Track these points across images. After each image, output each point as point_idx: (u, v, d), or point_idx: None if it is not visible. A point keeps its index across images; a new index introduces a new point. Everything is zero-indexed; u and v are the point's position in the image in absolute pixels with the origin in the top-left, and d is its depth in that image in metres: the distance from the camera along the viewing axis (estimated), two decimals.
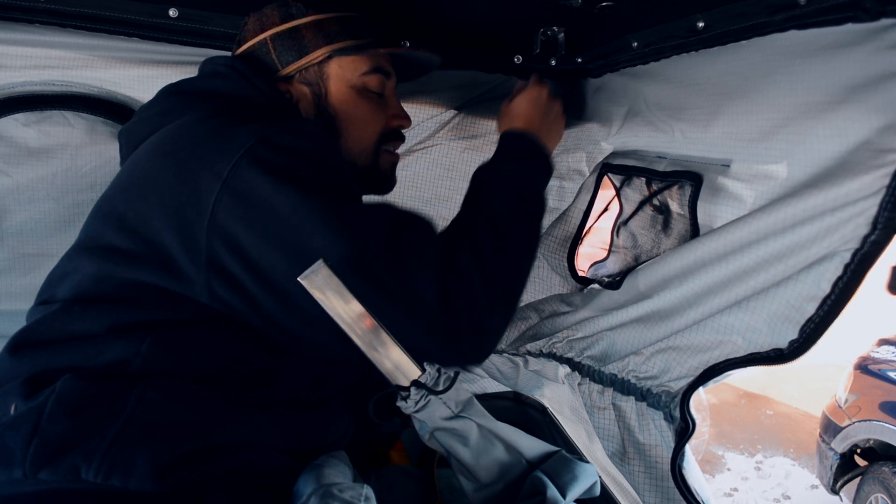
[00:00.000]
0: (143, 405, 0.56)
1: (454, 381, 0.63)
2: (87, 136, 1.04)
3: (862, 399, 2.71)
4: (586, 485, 0.67)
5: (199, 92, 0.77)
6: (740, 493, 3.57)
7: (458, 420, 0.64)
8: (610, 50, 1.03)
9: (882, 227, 0.59)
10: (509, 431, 0.69)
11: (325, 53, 0.82)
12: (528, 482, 0.66)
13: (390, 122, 0.90)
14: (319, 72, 0.84)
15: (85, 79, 1.01)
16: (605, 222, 1.18)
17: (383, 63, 0.88)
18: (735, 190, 0.81)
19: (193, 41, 1.00)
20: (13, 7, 0.90)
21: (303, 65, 0.83)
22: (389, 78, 0.90)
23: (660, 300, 0.88)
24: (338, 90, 0.85)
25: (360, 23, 0.86)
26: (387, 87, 0.90)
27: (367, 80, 0.86)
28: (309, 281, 0.54)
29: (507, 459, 0.68)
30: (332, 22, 0.83)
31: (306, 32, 0.82)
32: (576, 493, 0.66)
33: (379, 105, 0.88)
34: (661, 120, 0.93)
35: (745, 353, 0.76)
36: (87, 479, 0.53)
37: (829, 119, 0.63)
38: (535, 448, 0.70)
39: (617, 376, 1.00)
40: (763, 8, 0.70)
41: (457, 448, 0.64)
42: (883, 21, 0.57)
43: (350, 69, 0.85)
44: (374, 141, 0.88)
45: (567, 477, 0.66)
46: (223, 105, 0.74)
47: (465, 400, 0.67)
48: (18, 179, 1.03)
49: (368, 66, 0.86)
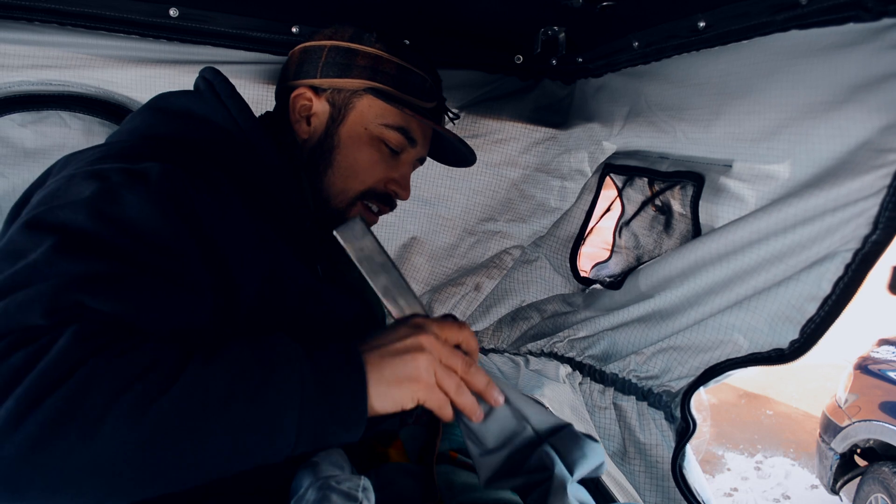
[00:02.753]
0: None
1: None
2: (83, 137, 1.04)
3: (862, 399, 2.71)
4: (594, 463, 0.66)
5: (169, 110, 0.74)
6: (740, 493, 3.57)
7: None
8: (611, 50, 1.03)
9: (883, 227, 0.59)
10: (517, 397, 0.67)
11: (362, 85, 0.81)
12: (535, 456, 0.64)
13: (386, 184, 0.85)
14: (349, 100, 0.82)
15: (82, 78, 1.00)
16: (608, 222, 1.18)
17: (414, 128, 0.84)
18: (737, 190, 0.81)
19: (194, 40, 0.99)
20: (14, 6, 0.90)
21: (338, 85, 0.82)
22: (413, 146, 0.85)
23: (661, 300, 0.88)
24: (353, 125, 0.82)
25: (416, 79, 0.83)
26: (406, 152, 0.86)
27: (386, 132, 0.82)
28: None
29: (514, 426, 0.65)
30: (390, 64, 0.81)
31: (360, 60, 0.81)
32: (583, 471, 0.64)
33: (385, 161, 0.84)
34: (662, 120, 0.93)
35: (746, 353, 0.76)
36: None
37: (831, 119, 0.63)
38: (545, 420, 0.67)
39: (618, 376, 1.00)
40: (765, 8, 0.70)
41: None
42: (884, 21, 0.57)
43: (376, 113, 0.82)
44: (359, 190, 0.84)
45: (576, 454, 0.63)
46: (178, 127, 0.72)
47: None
48: (14, 181, 1.02)
49: (394, 122, 0.82)
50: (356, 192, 0.84)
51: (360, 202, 0.85)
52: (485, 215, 1.33)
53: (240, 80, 0.85)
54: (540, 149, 1.27)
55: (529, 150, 1.27)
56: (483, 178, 1.29)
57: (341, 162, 0.82)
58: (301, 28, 1.02)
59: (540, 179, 1.29)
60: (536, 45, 1.03)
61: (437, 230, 1.33)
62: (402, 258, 1.36)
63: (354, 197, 0.84)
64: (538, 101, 1.22)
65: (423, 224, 1.33)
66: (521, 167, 1.28)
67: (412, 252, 1.35)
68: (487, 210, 1.32)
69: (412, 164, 0.89)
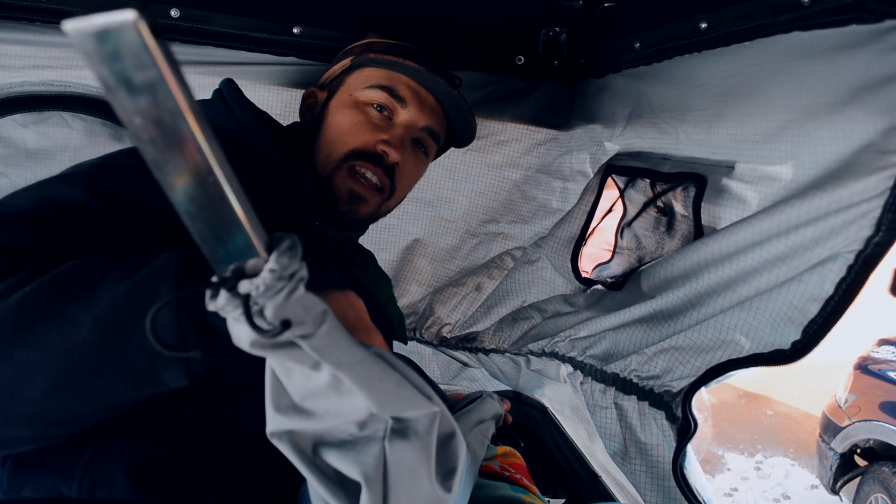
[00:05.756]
0: (118, 421, 0.54)
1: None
2: (85, 138, 1.04)
3: (862, 399, 2.71)
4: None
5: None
6: (740, 493, 3.57)
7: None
8: (612, 51, 1.03)
9: (886, 229, 0.59)
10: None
11: (348, 62, 0.85)
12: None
13: (375, 145, 0.81)
14: (341, 80, 0.86)
15: (84, 79, 1.00)
16: (609, 223, 1.18)
17: (401, 87, 0.83)
18: (739, 191, 0.81)
19: (194, 40, 0.99)
20: (15, 7, 0.90)
21: (334, 72, 0.86)
22: (402, 105, 0.83)
23: (663, 300, 0.88)
24: (340, 96, 0.85)
25: (405, 48, 0.85)
26: (397, 114, 0.84)
27: (370, 93, 0.82)
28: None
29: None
30: (379, 43, 0.85)
31: (356, 48, 0.86)
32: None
33: (371, 123, 0.82)
34: (664, 121, 0.93)
35: (748, 354, 0.76)
36: (70, 497, 0.52)
37: (834, 121, 0.63)
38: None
39: (619, 376, 1.00)
40: (767, 9, 0.70)
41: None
42: (887, 22, 0.57)
43: (361, 81, 0.84)
44: (343, 152, 0.80)
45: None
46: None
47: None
48: (17, 181, 1.02)
49: (377, 81, 0.82)
50: (340, 155, 0.81)
51: (345, 166, 0.81)
52: (487, 217, 1.33)
53: (240, 81, 0.85)
54: (542, 150, 1.27)
55: (531, 151, 1.27)
56: (485, 179, 1.29)
57: (327, 129, 0.84)
58: (302, 29, 1.02)
59: (542, 180, 1.29)
60: (538, 45, 1.03)
61: (440, 232, 1.34)
62: (404, 260, 1.36)
63: (339, 160, 0.81)
64: (540, 102, 1.22)
65: (426, 226, 1.33)
66: (523, 168, 1.28)
67: (415, 254, 1.35)
68: (489, 212, 1.32)
69: (407, 128, 0.84)
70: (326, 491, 0.40)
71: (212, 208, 0.28)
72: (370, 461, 0.40)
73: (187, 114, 0.24)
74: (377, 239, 1.30)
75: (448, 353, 1.39)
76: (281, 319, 0.31)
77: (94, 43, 0.22)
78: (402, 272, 1.37)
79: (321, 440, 0.41)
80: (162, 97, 0.24)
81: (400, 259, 1.36)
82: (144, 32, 0.22)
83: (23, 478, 0.53)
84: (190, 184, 0.27)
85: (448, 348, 1.38)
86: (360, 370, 0.37)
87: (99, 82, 0.24)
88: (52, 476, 0.53)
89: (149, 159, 0.26)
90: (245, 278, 0.30)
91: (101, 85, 0.23)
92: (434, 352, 1.42)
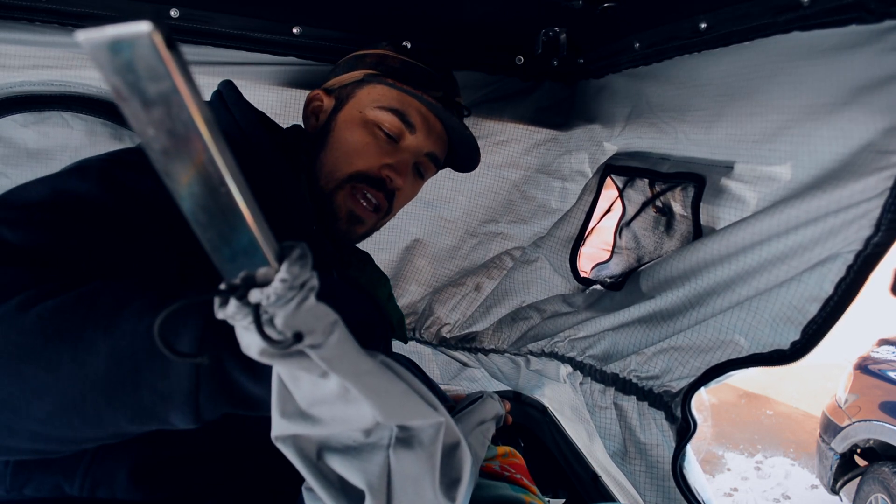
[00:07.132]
0: None
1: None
2: (86, 138, 1.04)
3: (862, 399, 2.71)
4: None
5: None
6: (740, 493, 3.57)
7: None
8: (612, 51, 1.03)
9: (885, 229, 0.59)
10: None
11: (363, 74, 0.84)
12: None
13: (380, 169, 0.82)
14: (351, 90, 0.85)
15: (84, 79, 1.01)
16: (608, 223, 1.18)
17: (412, 113, 0.83)
18: (738, 191, 0.81)
19: (194, 40, 0.99)
20: (15, 7, 0.90)
21: (344, 80, 0.85)
22: (411, 131, 0.84)
23: (662, 300, 0.88)
24: (350, 109, 0.84)
25: (419, 71, 0.84)
26: (405, 139, 0.84)
27: (380, 115, 0.82)
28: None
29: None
30: (395, 59, 0.84)
31: (369, 59, 0.85)
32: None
33: (380, 146, 0.82)
34: (663, 121, 0.93)
35: (748, 354, 0.76)
36: (72, 495, 0.53)
37: (833, 121, 0.63)
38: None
39: (619, 376, 1.00)
40: (767, 9, 0.70)
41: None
42: (887, 22, 0.57)
43: (373, 98, 0.83)
44: (347, 172, 0.81)
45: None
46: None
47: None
48: (17, 181, 1.01)
49: (389, 104, 0.82)
50: (345, 175, 0.82)
51: (348, 185, 0.82)
52: (486, 217, 1.33)
53: (240, 81, 0.85)
54: (541, 150, 1.27)
55: (531, 151, 1.27)
56: (484, 179, 1.29)
57: (333, 144, 0.83)
58: (302, 29, 1.02)
59: (541, 181, 1.29)
60: (537, 46, 1.03)
61: (440, 232, 1.34)
62: (404, 260, 1.36)
63: (343, 179, 0.82)
64: (539, 102, 1.22)
65: (426, 226, 1.33)
66: (523, 168, 1.28)
67: (415, 254, 1.35)
68: (489, 212, 1.32)
69: (413, 153, 0.85)
70: (329, 497, 0.40)
71: (223, 218, 0.28)
72: (374, 469, 0.40)
73: (201, 126, 0.24)
74: (377, 239, 1.30)
75: (448, 353, 1.39)
76: (291, 329, 0.31)
77: (108, 54, 0.22)
78: (401, 272, 1.37)
79: (326, 445, 0.41)
80: (175, 109, 0.24)
81: (399, 259, 1.36)
82: (159, 44, 0.22)
83: (25, 477, 0.53)
84: (201, 194, 0.27)
85: (447, 348, 1.38)
86: (368, 380, 0.37)
87: (112, 93, 0.24)
88: (54, 475, 0.53)
89: (160, 169, 0.26)
90: (255, 287, 0.30)
91: (113, 95, 0.24)
92: (434, 352, 1.43)
